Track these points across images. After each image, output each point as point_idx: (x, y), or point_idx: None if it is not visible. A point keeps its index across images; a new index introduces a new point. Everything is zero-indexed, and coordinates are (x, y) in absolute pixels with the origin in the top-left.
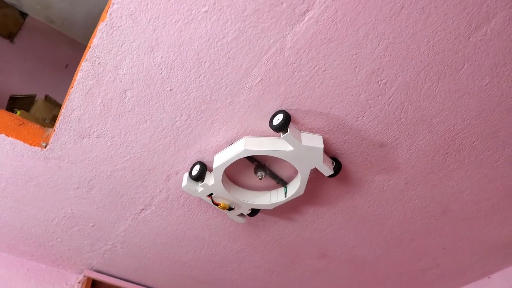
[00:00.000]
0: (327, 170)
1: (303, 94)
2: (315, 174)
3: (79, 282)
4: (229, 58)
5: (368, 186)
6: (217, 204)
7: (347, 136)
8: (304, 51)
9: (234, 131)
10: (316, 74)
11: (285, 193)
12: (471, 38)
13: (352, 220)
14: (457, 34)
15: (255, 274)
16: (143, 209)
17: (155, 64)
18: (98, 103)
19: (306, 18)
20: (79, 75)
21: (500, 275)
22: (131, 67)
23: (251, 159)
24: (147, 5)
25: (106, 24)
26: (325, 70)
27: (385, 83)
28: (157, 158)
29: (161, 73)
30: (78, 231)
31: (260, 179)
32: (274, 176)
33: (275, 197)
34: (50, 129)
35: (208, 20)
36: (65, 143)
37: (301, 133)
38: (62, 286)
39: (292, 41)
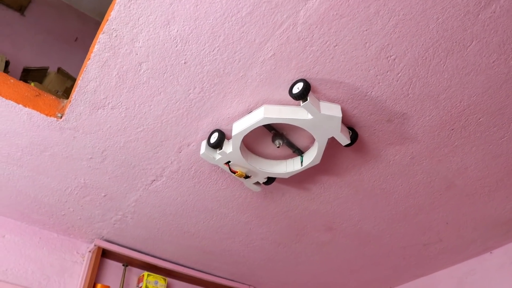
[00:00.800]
0: (344, 139)
1: (313, 69)
2: (327, 145)
3: (89, 251)
4: (243, 32)
5: (374, 160)
6: (234, 172)
7: (356, 111)
8: (316, 27)
9: (245, 104)
10: (327, 49)
11: (301, 162)
12: (480, 15)
13: (358, 193)
14: (466, 11)
15: (261, 246)
16: (154, 180)
17: (171, 38)
18: (114, 75)
19: None
20: (96, 47)
21: (502, 250)
22: (147, 40)
23: (269, 127)
24: None
25: None
26: (336, 45)
27: (394, 59)
28: (170, 130)
29: (176, 46)
30: (90, 201)
31: (278, 147)
32: (290, 145)
33: (291, 166)
34: (65, 100)
35: None
36: (80, 114)
37: (320, 102)
38: (73, 254)
39: (305, 16)
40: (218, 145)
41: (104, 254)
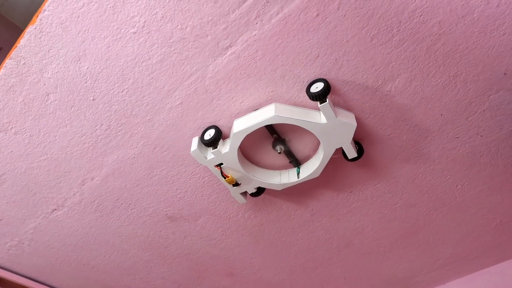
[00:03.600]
0: (352, 151)
1: (219, 122)
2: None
3: None
4: (152, 78)
5: (276, 213)
6: (225, 177)
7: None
8: (224, 82)
9: (151, 146)
10: (233, 104)
11: (298, 174)
12: (377, 92)
13: (259, 243)
14: (365, 87)
15: (162, 285)
16: (55, 209)
17: (81, 73)
18: (19, 101)
19: (228, 52)
20: (2, 71)
21: None
22: (57, 72)
23: (271, 131)
24: (78, 17)
25: (35, 28)
26: (242, 102)
27: None
28: (74, 162)
29: (86, 83)
30: None
31: (280, 153)
32: (289, 154)
33: (286, 178)
34: None
35: (135, 41)
36: None
37: (336, 108)
38: None
39: (213, 71)
40: (212, 143)
41: None
